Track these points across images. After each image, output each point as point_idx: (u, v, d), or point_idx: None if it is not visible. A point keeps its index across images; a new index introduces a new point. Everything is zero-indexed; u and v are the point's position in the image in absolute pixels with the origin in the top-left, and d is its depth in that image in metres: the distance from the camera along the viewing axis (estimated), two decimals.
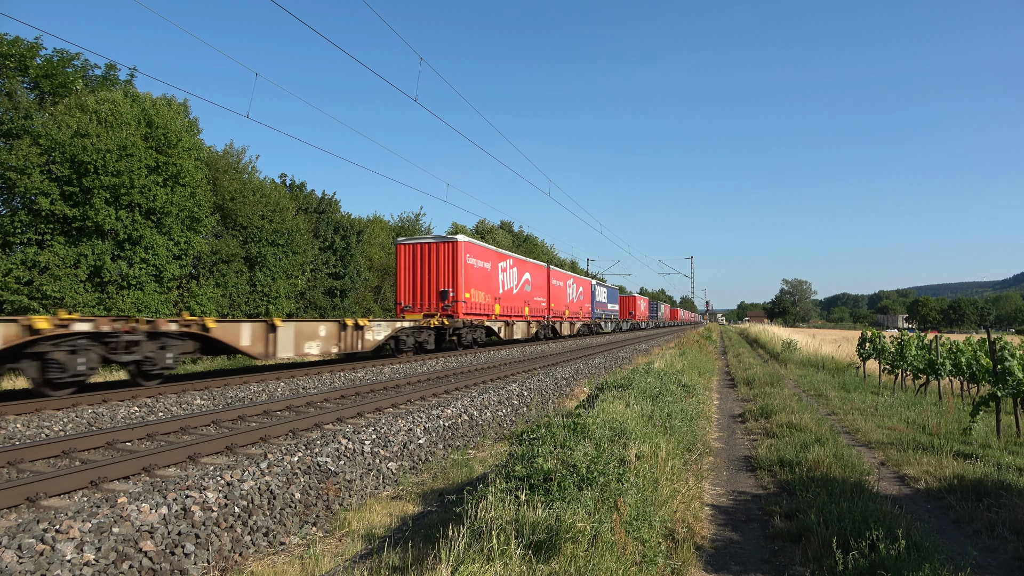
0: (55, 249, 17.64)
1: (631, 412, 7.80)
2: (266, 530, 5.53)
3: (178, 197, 20.43)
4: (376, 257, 35.44)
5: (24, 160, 17.16)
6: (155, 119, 20.18)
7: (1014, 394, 9.28)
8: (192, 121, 23.04)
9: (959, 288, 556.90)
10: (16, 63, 19.37)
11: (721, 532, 5.55)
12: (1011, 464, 7.41)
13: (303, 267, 26.85)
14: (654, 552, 4.29)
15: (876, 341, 17.22)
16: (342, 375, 15.06)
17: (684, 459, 6.99)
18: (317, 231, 29.89)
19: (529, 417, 11.25)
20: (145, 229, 19.41)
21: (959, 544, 5.21)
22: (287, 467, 6.41)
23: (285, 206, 26.00)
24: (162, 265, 19.93)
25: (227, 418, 9.18)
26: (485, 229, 57.68)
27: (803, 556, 4.74)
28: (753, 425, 10.55)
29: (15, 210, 18.07)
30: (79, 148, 17.80)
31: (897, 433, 9.54)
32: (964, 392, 14.93)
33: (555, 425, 5.84)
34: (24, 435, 7.98)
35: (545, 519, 3.97)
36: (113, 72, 22.76)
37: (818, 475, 6.64)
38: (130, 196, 18.80)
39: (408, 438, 8.44)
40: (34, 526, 4.54)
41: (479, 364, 18.47)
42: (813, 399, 13.91)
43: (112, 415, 9.32)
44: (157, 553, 4.66)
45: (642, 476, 5.28)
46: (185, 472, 6.39)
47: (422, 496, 6.69)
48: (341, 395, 11.59)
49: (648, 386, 10.37)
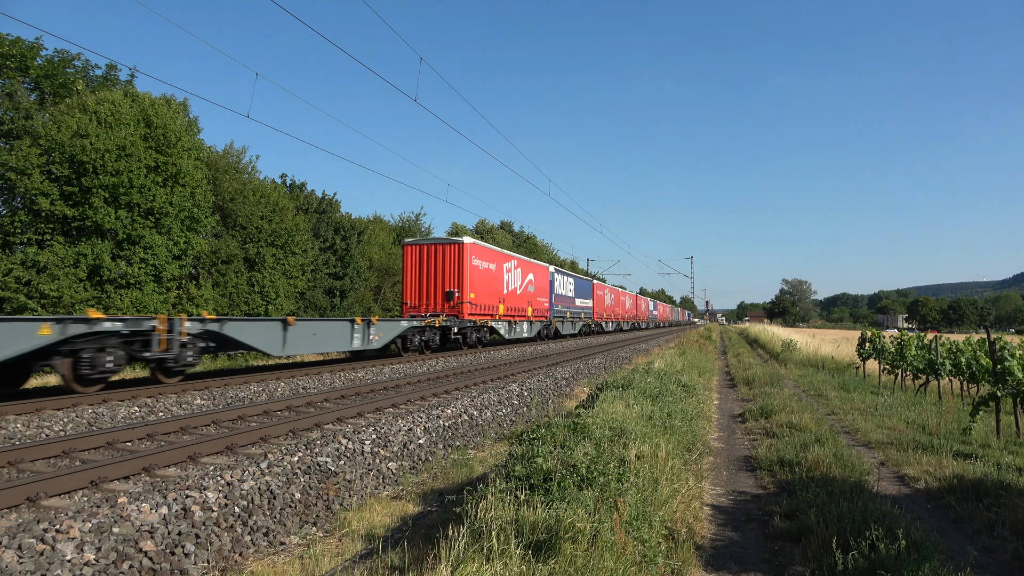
0: (55, 249, 17.65)
1: (631, 412, 7.81)
2: (266, 530, 5.53)
3: (177, 197, 20.44)
4: (376, 257, 35.42)
5: (24, 160, 17.16)
6: (154, 119, 20.19)
7: (1014, 394, 9.28)
8: (192, 121, 23.05)
9: (959, 288, 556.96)
10: (17, 63, 19.38)
11: (721, 532, 5.55)
12: (1011, 464, 7.42)
13: (303, 267, 26.85)
14: (654, 552, 4.29)
15: (876, 341, 17.23)
16: (342, 375, 15.07)
17: (684, 459, 6.99)
18: (317, 231, 29.88)
19: (529, 417, 11.25)
20: (144, 229, 19.42)
21: (959, 544, 5.21)
22: (287, 467, 6.41)
23: (285, 206, 26.00)
24: (161, 265, 19.94)
25: (227, 418, 9.18)
26: (485, 229, 57.65)
27: (803, 556, 4.74)
28: (753, 425, 10.55)
29: (15, 210, 18.08)
30: (78, 148, 17.80)
31: (897, 433, 9.55)
32: (964, 392, 14.93)
33: (555, 425, 5.84)
34: (24, 435, 7.98)
35: (545, 519, 3.97)
36: (114, 72, 22.79)
37: (818, 475, 6.64)
38: (129, 196, 18.80)
39: (408, 438, 8.44)
40: (34, 526, 4.54)
41: (479, 364, 18.46)
42: (813, 399, 13.92)
43: (112, 415, 9.32)
44: (157, 553, 4.66)
45: (642, 476, 5.28)
46: (185, 472, 6.39)
47: (422, 496, 6.69)
48: (341, 395, 11.59)
49: (648, 386, 10.37)
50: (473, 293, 23.31)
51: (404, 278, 23.75)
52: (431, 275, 23.19)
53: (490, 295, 25.16)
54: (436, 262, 23.14)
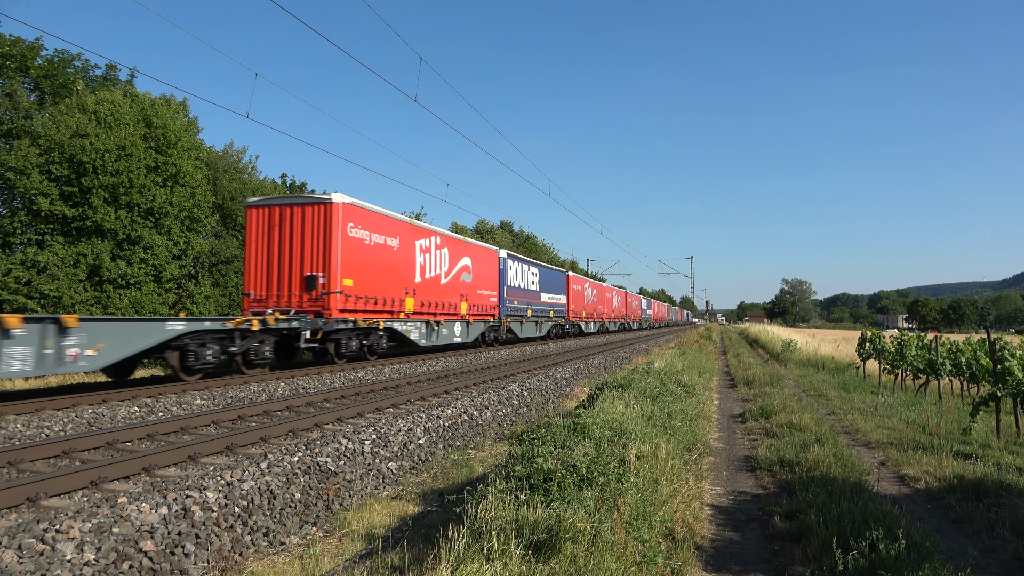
0: (54, 249, 17.65)
1: (631, 412, 7.81)
2: (266, 530, 5.53)
3: (177, 197, 20.44)
4: None
5: (23, 160, 17.17)
6: (154, 119, 20.20)
7: (1014, 394, 9.28)
8: (192, 121, 23.05)
9: (959, 288, 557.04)
10: (17, 63, 19.38)
11: (721, 532, 5.55)
12: (1011, 464, 7.42)
13: None
14: (654, 552, 4.29)
15: (876, 341, 17.23)
16: (342, 375, 15.06)
17: (684, 459, 6.99)
18: None
19: (529, 417, 11.25)
20: (144, 229, 19.43)
21: (959, 544, 5.21)
22: (287, 467, 6.41)
23: None
24: (161, 265, 19.94)
25: (227, 418, 9.18)
26: (485, 229, 57.56)
27: (803, 556, 4.74)
28: (753, 425, 10.55)
29: (15, 210, 18.08)
30: (78, 148, 17.81)
31: (897, 433, 9.55)
32: (964, 392, 14.93)
33: (555, 425, 5.84)
34: (24, 435, 7.97)
35: (545, 519, 3.97)
36: (114, 72, 22.78)
37: (818, 475, 6.64)
38: (129, 196, 18.81)
39: (408, 438, 8.44)
40: (34, 526, 4.53)
41: (479, 364, 18.49)
42: (813, 399, 13.92)
43: (112, 415, 9.31)
44: (157, 553, 4.66)
45: (642, 476, 5.28)
46: (185, 472, 6.39)
47: (422, 496, 6.69)
48: (341, 395, 11.59)
49: (648, 386, 10.37)
50: (349, 279, 15.96)
51: (247, 256, 16.26)
52: (286, 252, 15.76)
53: (386, 283, 17.78)
54: (293, 232, 15.71)
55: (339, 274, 15.64)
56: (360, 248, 16.58)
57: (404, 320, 18.95)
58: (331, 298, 15.48)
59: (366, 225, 16.87)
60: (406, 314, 18.98)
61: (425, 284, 20.07)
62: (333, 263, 15.57)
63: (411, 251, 19.28)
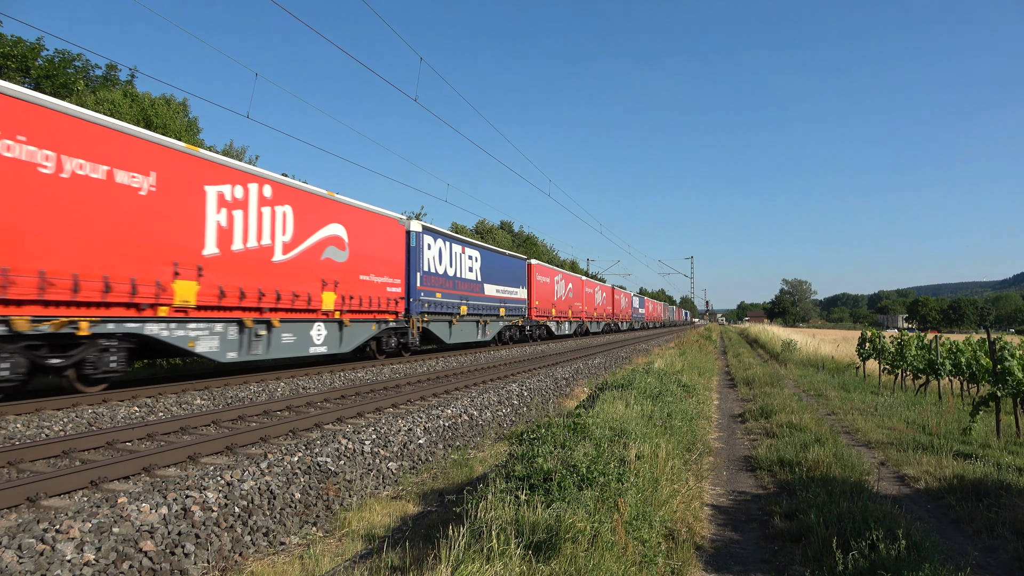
0: None
1: (631, 412, 7.80)
2: (266, 530, 5.53)
3: None
4: None
5: None
6: (154, 119, 20.19)
7: (1014, 394, 9.28)
8: (192, 121, 23.05)
9: (959, 288, 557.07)
10: (18, 64, 19.38)
11: (721, 532, 5.55)
12: (1011, 464, 7.42)
13: None
14: (654, 552, 4.29)
15: (876, 341, 17.22)
16: (342, 375, 15.07)
17: (684, 459, 6.99)
18: None
19: (529, 417, 11.25)
20: None
21: (959, 544, 5.21)
22: (287, 467, 6.41)
23: None
24: None
25: (227, 418, 9.18)
26: (485, 229, 57.48)
27: (803, 556, 4.74)
28: (753, 425, 10.55)
29: None
30: None
31: (897, 433, 9.55)
32: (964, 392, 14.93)
33: (555, 425, 5.84)
34: (24, 435, 7.97)
35: (545, 519, 3.97)
36: (114, 72, 22.78)
37: (818, 475, 6.64)
38: None
39: (408, 438, 8.44)
40: (34, 526, 4.54)
41: (479, 364, 18.47)
42: (813, 399, 13.92)
43: (112, 415, 9.31)
44: (157, 553, 4.66)
45: (642, 476, 5.28)
46: (185, 472, 6.39)
47: (422, 496, 6.69)
48: (341, 395, 11.59)
49: (648, 386, 10.37)
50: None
51: None
52: None
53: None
54: None
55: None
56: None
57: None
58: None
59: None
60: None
61: (231, 258, 12.80)
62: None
63: (193, 200, 12.07)
